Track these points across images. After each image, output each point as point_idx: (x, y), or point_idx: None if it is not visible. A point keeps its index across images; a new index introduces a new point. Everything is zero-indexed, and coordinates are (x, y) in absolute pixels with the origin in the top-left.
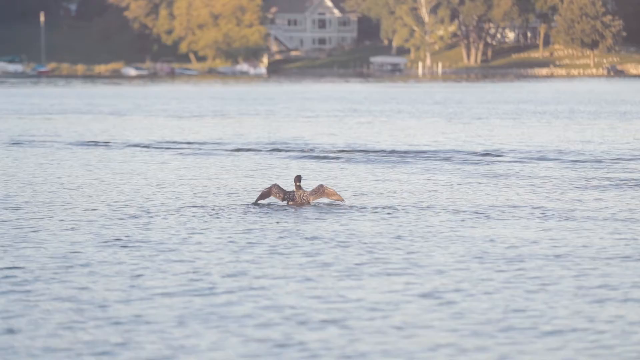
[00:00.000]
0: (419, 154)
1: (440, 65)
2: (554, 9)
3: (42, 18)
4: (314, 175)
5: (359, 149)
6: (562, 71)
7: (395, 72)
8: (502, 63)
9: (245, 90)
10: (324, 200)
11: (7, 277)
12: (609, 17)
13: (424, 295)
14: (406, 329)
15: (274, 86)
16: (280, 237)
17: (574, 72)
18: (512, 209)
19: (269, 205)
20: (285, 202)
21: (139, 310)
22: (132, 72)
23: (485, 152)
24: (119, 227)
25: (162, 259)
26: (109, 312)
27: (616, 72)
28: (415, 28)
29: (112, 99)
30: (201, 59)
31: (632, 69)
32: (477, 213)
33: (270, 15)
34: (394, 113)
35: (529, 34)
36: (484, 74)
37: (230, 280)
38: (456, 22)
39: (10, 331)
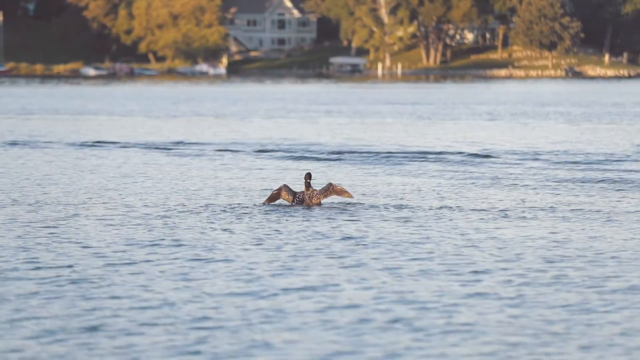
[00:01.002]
0: (409, 154)
1: (399, 66)
2: (512, 10)
3: None
4: (298, 174)
5: (348, 150)
6: (521, 72)
7: (354, 73)
8: (461, 64)
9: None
10: (334, 198)
11: (58, 278)
12: (567, 18)
13: (477, 295)
14: (467, 330)
15: (254, 87)
16: (311, 238)
17: (533, 73)
18: (528, 208)
19: (281, 205)
20: (294, 205)
21: (203, 311)
22: (91, 72)
23: (475, 153)
24: (147, 228)
25: (205, 260)
26: (175, 312)
27: (574, 74)
28: (375, 29)
29: (101, 99)
30: (160, 59)
31: (589, 70)
32: (501, 213)
33: (229, 16)
34: (370, 114)
35: (487, 35)
36: (443, 74)
37: (282, 281)
38: (415, 23)
39: (88, 329)
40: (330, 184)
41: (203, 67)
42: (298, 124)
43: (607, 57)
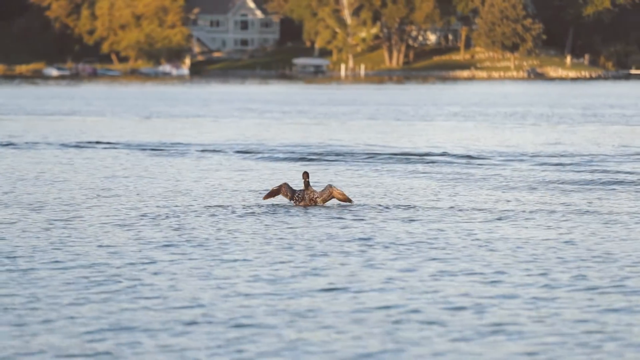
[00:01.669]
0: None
1: (362, 67)
2: (475, 11)
3: None
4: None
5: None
6: (483, 74)
7: (317, 74)
8: (423, 65)
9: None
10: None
11: (84, 279)
12: (529, 20)
13: (502, 295)
14: (500, 330)
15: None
16: (323, 238)
17: (495, 74)
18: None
19: (284, 205)
20: (293, 202)
21: (235, 311)
22: (54, 72)
23: (460, 154)
24: (156, 227)
25: (224, 260)
26: (207, 312)
27: (536, 75)
28: (338, 30)
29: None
30: (123, 59)
31: (551, 71)
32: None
33: (192, 17)
34: (345, 115)
35: (450, 37)
36: (406, 76)
37: (306, 280)
38: (378, 24)
39: (125, 329)
40: (330, 186)
41: (166, 67)
42: (276, 125)
43: (568, 59)
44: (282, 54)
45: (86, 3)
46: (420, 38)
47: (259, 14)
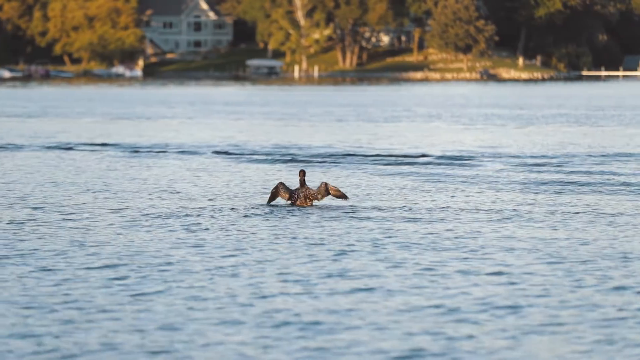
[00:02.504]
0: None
1: (316, 68)
2: (428, 13)
3: None
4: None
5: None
6: (436, 75)
7: (271, 75)
8: (377, 66)
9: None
10: (325, 201)
11: (111, 281)
12: (482, 22)
13: (525, 296)
14: (541, 331)
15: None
16: (337, 237)
17: (448, 75)
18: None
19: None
20: (290, 202)
21: (268, 311)
22: (6, 74)
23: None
24: (166, 230)
25: (243, 260)
26: (240, 310)
27: (489, 76)
28: (291, 31)
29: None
30: (76, 61)
31: (504, 73)
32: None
33: (145, 18)
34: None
35: (403, 38)
36: (360, 77)
37: (329, 281)
38: (332, 25)
39: (163, 328)
40: (326, 184)
41: (119, 69)
42: (253, 126)
43: (521, 60)
44: (235, 56)
45: (38, 4)
46: (374, 39)
47: (212, 15)
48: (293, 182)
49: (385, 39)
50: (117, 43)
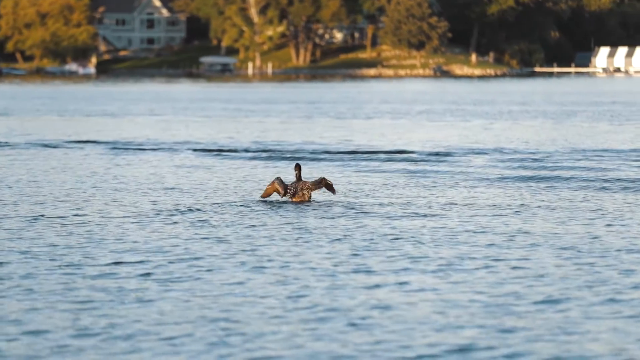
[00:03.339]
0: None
1: (270, 65)
2: (381, 10)
3: None
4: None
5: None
6: (390, 72)
7: (225, 72)
8: (330, 63)
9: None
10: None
11: (137, 280)
12: (435, 18)
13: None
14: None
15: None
16: (356, 233)
17: (402, 72)
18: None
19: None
20: (287, 198)
21: (304, 306)
22: None
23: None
24: (172, 226)
25: (262, 258)
26: (277, 305)
27: (442, 73)
28: (245, 28)
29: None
30: (28, 58)
31: (457, 69)
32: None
33: (97, 15)
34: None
35: (356, 35)
36: (313, 74)
37: (352, 277)
38: (285, 22)
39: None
40: (323, 178)
41: (72, 66)
42: (226, 123)
43: (474, 57)
44: (188, 53)
45: None
46: (327, 36)
47: (165, 12)
48: (289, 178)
49: (338, 36)
50: (70, 40)
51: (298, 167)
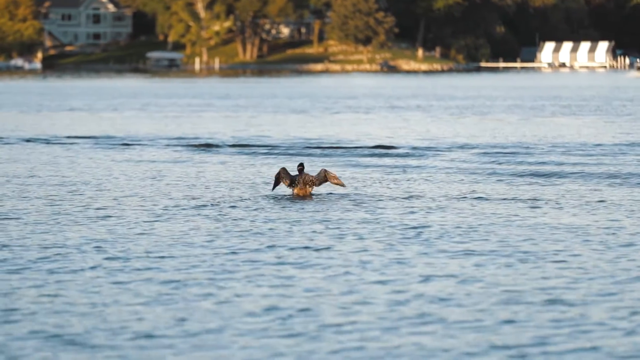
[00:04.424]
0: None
1: (217, 60)
2: (328, 5)
3: None
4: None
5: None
6: (337, 67)
7: (172, 68)
8: (277, 58)
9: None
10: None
11: (158, 280)
12: (382, 13)
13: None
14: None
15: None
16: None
17: (348, 67)
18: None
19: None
20: (290, 189)
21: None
22: None
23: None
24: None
25: (286, 256)
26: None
27: (389, 68)
28: (191, 23)
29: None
30: None
31: (403, 64)
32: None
33: (43, 10)
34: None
35: (303, 30)
36: (260, 69)
37: (374, 274)
38: (232, 17)
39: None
40: (325, 170)
41: (18, 61)
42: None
43: (420, 52)
44: (135, 48)
45: None
46: (274, 31)
47: (111, 7)
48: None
49: (285, 31)
50: (16, 35)
51: (301, 166)
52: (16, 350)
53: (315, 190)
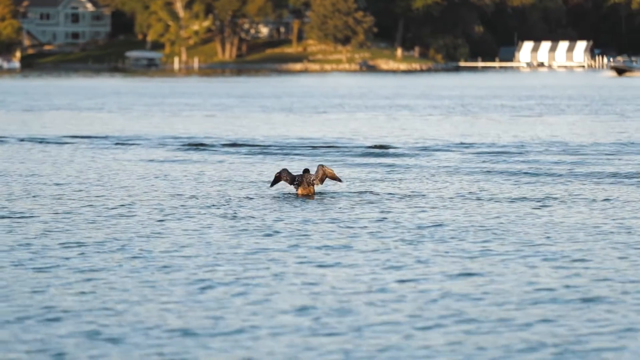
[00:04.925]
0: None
1: (196, 60)
2: (307, 4)
3: None
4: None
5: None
6: (316, 66)
7: (151, 67)
8: (256, 58)
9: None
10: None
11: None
12: (361, 13)
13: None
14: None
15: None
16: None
17: (328, 67)
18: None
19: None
20: (293, 187)
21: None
22: None
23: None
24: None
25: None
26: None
27: (368, 67)
28: (170, 23)
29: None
30: None
31: (382, 64)
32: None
33: (22, 9)
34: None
35: (282, 29)
36: (239, 68)
37: (389, 273)
38: (211, 17)
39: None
40: (322, 166)
41: None
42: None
43: (399, 51)
44: (114, 47)
45: None
46: (253, 31)
47: (90, 7)
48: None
49: (264, 31)
50: None
51: (306, 171)
52: (59, 348)
53: (321, 188)
